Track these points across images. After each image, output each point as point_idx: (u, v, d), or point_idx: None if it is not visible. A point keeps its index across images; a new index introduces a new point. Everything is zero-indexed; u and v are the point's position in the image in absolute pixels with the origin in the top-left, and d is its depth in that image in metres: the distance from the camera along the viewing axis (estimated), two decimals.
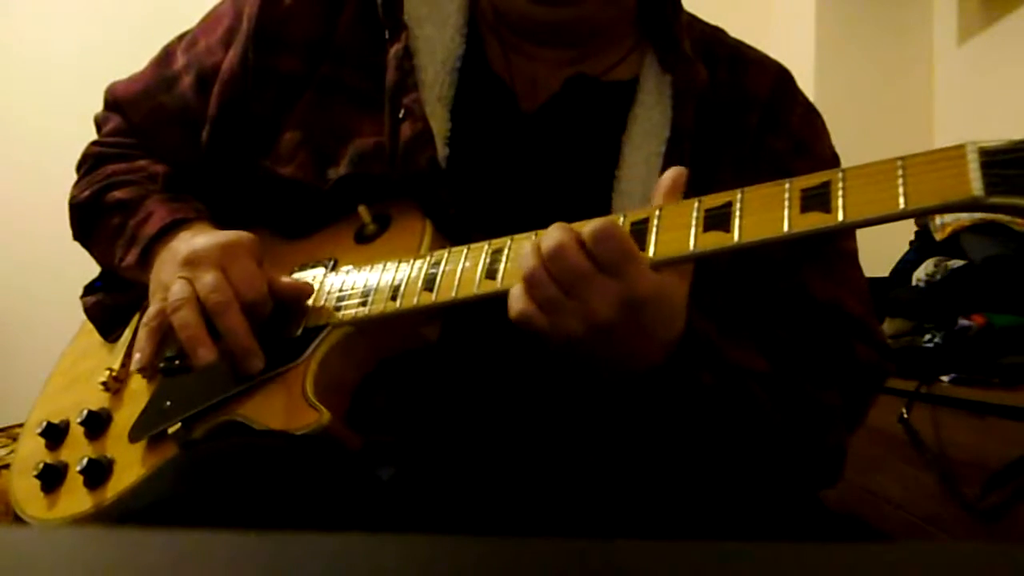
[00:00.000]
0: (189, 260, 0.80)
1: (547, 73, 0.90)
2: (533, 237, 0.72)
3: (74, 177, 1.01)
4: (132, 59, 1.04)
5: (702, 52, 0.91)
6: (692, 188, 0.70)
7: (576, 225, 0.68)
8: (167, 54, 0.99)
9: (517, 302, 0.68)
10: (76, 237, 0.99)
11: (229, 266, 0.79)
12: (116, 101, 1.01)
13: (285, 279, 0.82)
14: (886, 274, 1.97)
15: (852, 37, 2.67)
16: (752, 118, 0.90)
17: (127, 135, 1.00)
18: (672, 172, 0.71)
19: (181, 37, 1.00)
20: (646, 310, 0.66)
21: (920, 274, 1.84)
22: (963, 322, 1.63)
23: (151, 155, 0.98)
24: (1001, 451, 1.38)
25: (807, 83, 2.59)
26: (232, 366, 0.78)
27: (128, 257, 0.89)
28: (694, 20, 0.96)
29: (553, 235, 0.66)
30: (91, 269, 1.00)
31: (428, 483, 0.80)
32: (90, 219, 0.96)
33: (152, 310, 0.81)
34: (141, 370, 0.80)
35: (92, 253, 0.98)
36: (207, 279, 0.77)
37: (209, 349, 0.76)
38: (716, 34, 0.96)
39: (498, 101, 0.89)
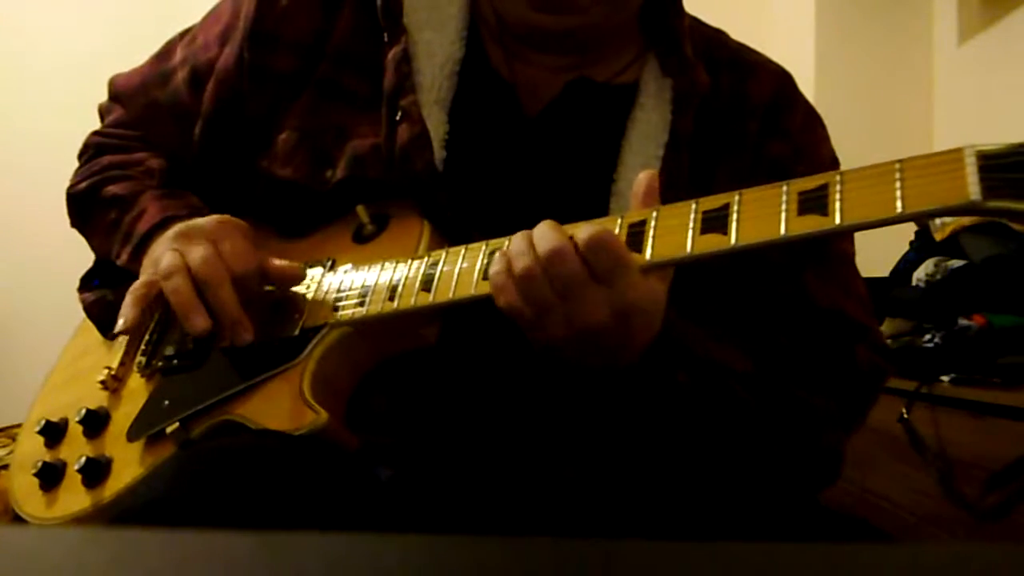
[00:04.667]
0: (182, 233, 0.81)
1: (548, 77, 0.90)
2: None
3: None
4: (134, 58, 1.04)
5: (704, 56, 0.91)
6: (690, 193, 0.70)
7: (569, 227, 0.69)
8: (167, 49, 1.00)
9: (506, 294, 0.68)
10: (73, 225, 1.00)
11: (220, 240, 0.80)
12: (116, 93, 1.02)
13: (277, 261, 0.82)
14: (886, 274, 1.97)
15: (852, 37, 2.67)
16: (752, 125, 0.89)
17: (127, 127, 1.01)
18: (645, 175, 0.71)
19: (184, 33, 1.00)
20: (634, 317, 0.68)
21: (920, 274, 1.84)
22: (963, 322, 1.64)
23: (150, 148, 0.98)
24: (1001, 451, 1.38)
25: (807, 83, 2.59)
26: (230, 365, 0.78)
27: (123, 254, 0.90)
28: (696, 23, 0.95)
29: (549, 237, 0.67)
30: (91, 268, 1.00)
31: (426, 484, 0.80)
32: (87, 211, 0.97)
33: (140, 280, 0.82)
34: (125, 332, 0.80)
35: (90, 243, 0.99)
36: (198, 251, 0.78)
37: (202, 316, 0.77)
38: (718, 37, 0.96)
39: (500, 104, 0.89)
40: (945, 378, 1.59)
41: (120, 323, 0.80)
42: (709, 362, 0.78)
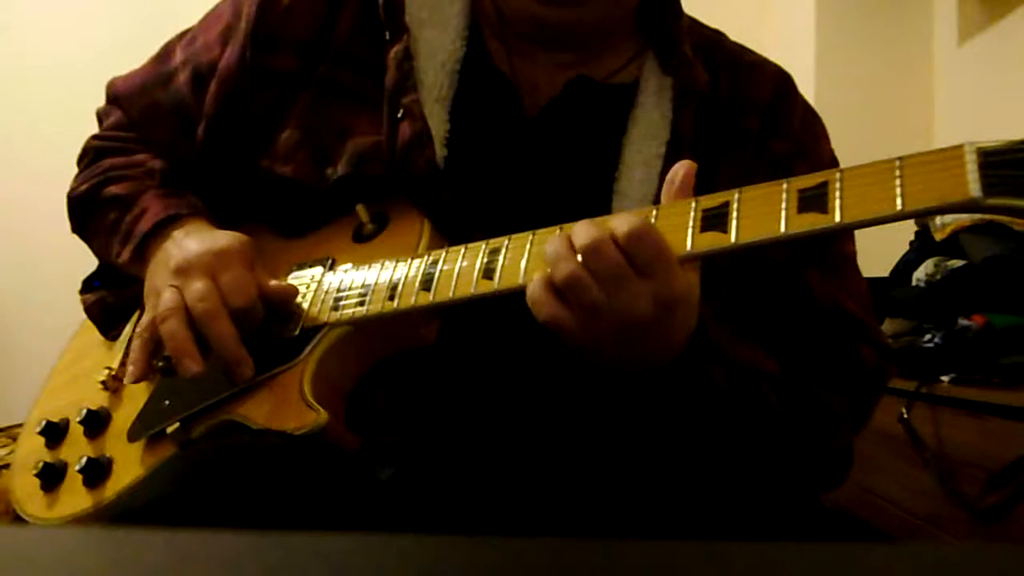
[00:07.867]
0: (180, 268, 0.80)
1: (549, 76, 0.90)
2: (532, 237, 0.72)
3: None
4: (133, 59, 1.04)
5: (703, 57, 0.91)
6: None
7: (599, 220, 0.67)
8: (166, 51, 0.99)
9: (549, 306, 0.66)
10: (74, 230, 1.00)
11: (219, 273, 0.79)
12: (115, 96, 1.02)
13: (271, 282, 0.82)
14: (886, 274, 1.97)
15: (852, 37, 2.67)
16: (753, 123, 0.90)
17: (127, 129, 1.00)
18: (682, 165, 0.69)
19: (182, 35, 1.00)
20: (677, 310, 0.66)
21: (920, 274, 1.84)
22: (963, 322, 1.64)
23: (150, 149, 0.98)
24: (1001, 451, 1.38)
25: (807, 83, 2.60)
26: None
27: (124, 253, 0.90)
28: (695, 24, 0.95)
29: (588, 232, 0.65)
30: (91, 269, 1.00)
31: (427, 483, 0.80)
32: (87, 213, 0.97)
33: (145, 320, 0.82)
34: (136, 382, 0.81)
35: (90, 246, 0.99)
36: (196, 287, 0.78)
37: (194, 360, 0.76)
38: (717, 38, 0.96)
39: (501, 102, 0.89)
40: (945, 378, 1.59)
41: (131, 371, 0.80)
42: (737, 361, 0.77)
